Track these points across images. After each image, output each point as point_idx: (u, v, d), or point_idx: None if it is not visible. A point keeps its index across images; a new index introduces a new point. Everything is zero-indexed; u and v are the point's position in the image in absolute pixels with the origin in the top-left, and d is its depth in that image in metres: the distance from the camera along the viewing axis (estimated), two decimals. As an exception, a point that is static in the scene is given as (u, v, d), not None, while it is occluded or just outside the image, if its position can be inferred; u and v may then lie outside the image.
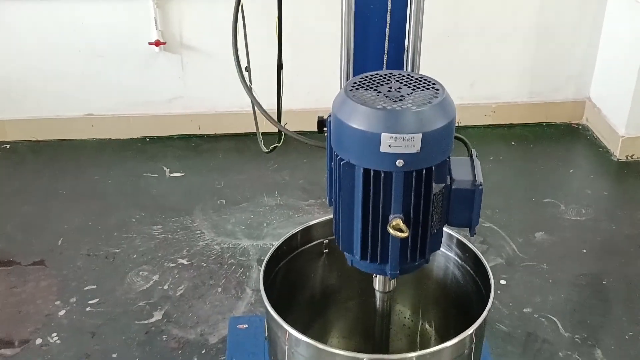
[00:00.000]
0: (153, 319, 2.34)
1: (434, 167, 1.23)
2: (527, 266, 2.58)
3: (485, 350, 1.63)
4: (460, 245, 1.61)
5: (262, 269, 1.48)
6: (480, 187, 1.29)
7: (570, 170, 3.27)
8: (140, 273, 2.54)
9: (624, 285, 2.50)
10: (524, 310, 2.37)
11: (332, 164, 1.31)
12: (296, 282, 1.67)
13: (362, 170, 1.22)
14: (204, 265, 2.59)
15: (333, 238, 1.53)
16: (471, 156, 1.36)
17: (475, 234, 1.33)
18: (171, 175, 3.18)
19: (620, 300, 2.43)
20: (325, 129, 1.35)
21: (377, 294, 1.49)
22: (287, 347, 1.38)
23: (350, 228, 1.31)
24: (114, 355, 2.19)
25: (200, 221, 2.84)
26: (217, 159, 3.32)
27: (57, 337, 2.26)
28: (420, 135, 1.17)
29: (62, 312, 2.36)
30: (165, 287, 2.47)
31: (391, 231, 1.23)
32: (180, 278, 2.52)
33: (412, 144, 1.18)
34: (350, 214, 1.29)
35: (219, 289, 2.47)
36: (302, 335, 1.32)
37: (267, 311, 1.39)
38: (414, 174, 1.22)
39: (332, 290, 1.75)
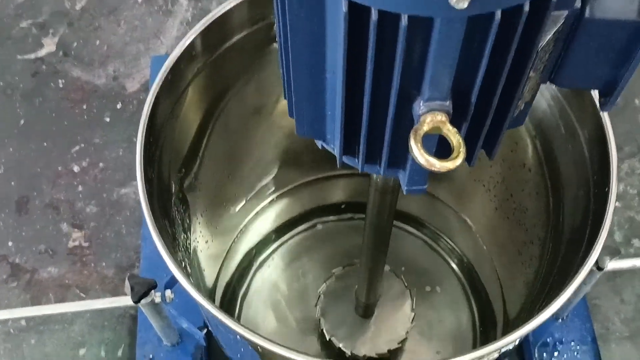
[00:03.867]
0: (43, 51, 1.60)
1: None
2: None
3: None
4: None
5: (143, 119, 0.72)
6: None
7: None
8: (21, -30, 1.72)
9: None
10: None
11: None
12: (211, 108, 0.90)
13: (344, 10, 0.41)
14: (115, -47, 1.74)
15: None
16: None
17: (615, 104, 0.56)
18: None
19: None
20: None
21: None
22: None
23: (318, 105, 0.54)
24: (-10, 116, 1.51)
25: None
26: None
27: None
28: None
29: None
30: (59, -6, 1.68)
31: (418, 154, 0.46)
32: (80, -22, 1.70)
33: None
34: (319, 81, 0.51)
35: (139, -2, 1.67)
36: (224, 315, 0.64)
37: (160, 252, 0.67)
38: (495, 19, 0.41)
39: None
